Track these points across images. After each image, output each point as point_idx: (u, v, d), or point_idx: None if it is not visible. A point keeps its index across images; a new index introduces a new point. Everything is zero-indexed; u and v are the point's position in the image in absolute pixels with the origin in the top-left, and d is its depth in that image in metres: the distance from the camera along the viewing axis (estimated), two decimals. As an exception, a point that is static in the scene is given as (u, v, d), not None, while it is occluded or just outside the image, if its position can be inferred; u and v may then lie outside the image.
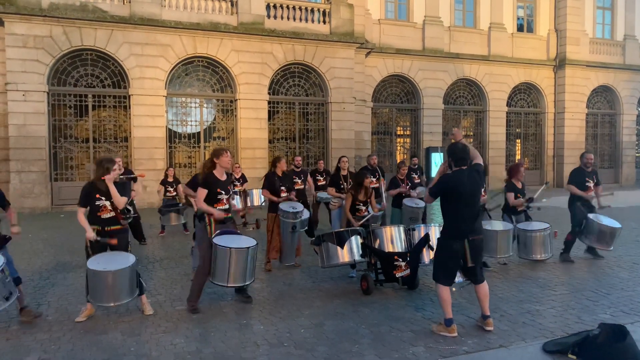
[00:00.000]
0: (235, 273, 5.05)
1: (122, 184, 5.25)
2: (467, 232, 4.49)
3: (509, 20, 21.19)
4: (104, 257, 4.89)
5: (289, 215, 6.90)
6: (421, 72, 19.52)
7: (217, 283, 5.14)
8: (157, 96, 15.09)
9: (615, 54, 22.96)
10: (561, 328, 4.66)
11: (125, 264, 4.79)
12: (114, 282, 4.71)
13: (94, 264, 4.74)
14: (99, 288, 4.72)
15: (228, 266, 5.01)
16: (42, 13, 13.72)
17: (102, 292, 4.72)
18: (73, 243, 9.02)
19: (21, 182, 13.88)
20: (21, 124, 13.80)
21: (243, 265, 5.08)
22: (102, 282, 4.71)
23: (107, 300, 4.76)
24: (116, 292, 4.74)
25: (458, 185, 4.48)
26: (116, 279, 4.71)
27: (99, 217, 4.97)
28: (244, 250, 5.05)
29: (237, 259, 5.03)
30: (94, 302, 4.85)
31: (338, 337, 4.47)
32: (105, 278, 4.69)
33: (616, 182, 23.01)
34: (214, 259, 5.08)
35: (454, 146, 4.69)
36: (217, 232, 5.22)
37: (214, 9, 15.69)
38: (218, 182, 5.35)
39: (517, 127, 22.08)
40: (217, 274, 5.08)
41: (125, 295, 4.82)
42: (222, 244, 5.04)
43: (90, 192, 4.99)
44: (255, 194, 10.78)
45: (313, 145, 17.59)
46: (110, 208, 4.99)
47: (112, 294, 4.73)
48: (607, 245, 7.38)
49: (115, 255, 4.96)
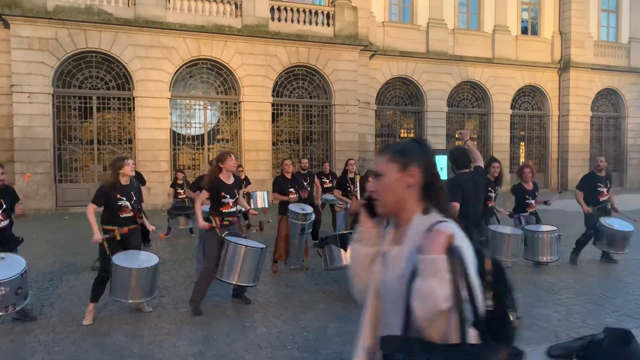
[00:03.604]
0: (243, 272, 5.11)
1: (138, 186, 5.39)
2: (470, 233, 4.50)
3: (513, 23, 21.16)
4: (129, 255, 4.99)
5: (299, 217, 6.90)
6: (425, 74, 19.51)
7: (224, 280, 5.18)
8: (162, 98, 15.14)
9: (620, 57, 22.89)
10: (566, 332, 4.63)
11: (149, 263, 4.93)
12: (136, 280, 4.82)
13: (120, 260, 4.84)
14: (121, 284, 4.81)
15: (240, 264, 5.09)
16: (48, 15, 13.80)
17: (123, 288, 4.81)
18: (77, 244, 9.05)
19: (26, 184, 13.91)
20: (26, 125, 13.86)
21: (254, 265, 5.17)
22: (125, 278, 4.79)
23: (126, 296, 4.84)
24: (136, 290, 4.84)
25: (462, 188, 4.53)
26: (139, 277, 4.82)
27: (118, 217, 5.05)
28: (257, 250, 5.16)
29: (249, 257, 5.11)
30: (112, 296, 4.92)
31: (342, 340, 4.46)
32: (129, 275, 4.78)
33: (621, 185, 22.89)
34: (224, 257, 5.12)
35: (455, 151, 4.79)
36: (225, 232, 5.30)
37: (218, 12, 15.74)
38: (224, 185, 5.41)
39: (522, 129, 22.02)
40: (224, 271, 5.12)
41: (143, 294, 4.91)
42: (235, 241, 5.13)
43: (110, 193, 5.05)
44: (259, 196, 10.78)
45: (317, 148, 17.59)
46: (130, 208, 5.10)
47: (131, 291, 4.83)
48: (620, 249, 7.32)
49: (138, 254, 5.09)
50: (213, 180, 5.42)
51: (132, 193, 5.17)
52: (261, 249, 5.22)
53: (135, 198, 5.19)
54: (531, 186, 7.40)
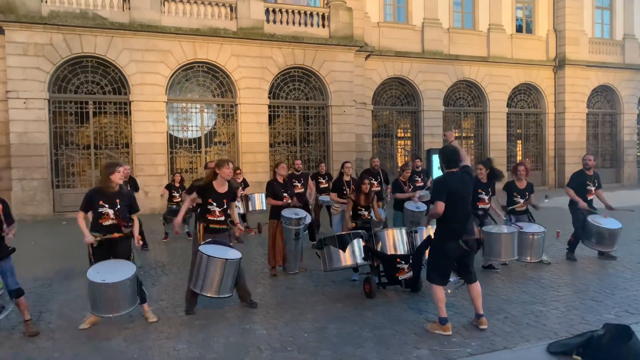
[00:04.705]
0: (210, 282, 4.99)
1: (129, 194, 5.32)
2: (460, 233, 4.56)
3: (507, 21, 21.22)
4: (105, 266, 4.84)
5: (292, 222, 6.88)
6: (421, 74, 19.54)
7: (193, 289, 5.11)
8: (158, 102, 15.12)
9: (614, 54, 22.96)
10: (565, 329, 4.64)
11: (124, 275, 4.71)
12: (113, 294, 4.66)
13: (94, 275, 4.68)
14: (98, 299, 4.68)
15: (205, 274, 4.98)
16: (43, 21, 13.77)
17: (102, 304, 4.69)
18: (75, 250, 8.99)
19: (23, 190, 13.89)
20: (22, 131, 13.83)
21: (219, 276, 4.99)
22: (101, 293, 4.66)
23: (107, 311, 4.72)
24: (115, 303, 4.70)
25: (450, 187, 4.55)
26: (116, 291, 4.66)
27: (100, 224, 4.95)
28: (220, 260, 4.97)
29: (215, 268, 4.97)
30: (93, 312, 4.80)
31: (341, 341, 4.46)
32: (104, 290, 4.64)
33: (618, 182, 22.97)
34: (195, 266, 5.06)
35: (445, 149, 4.80)
36: (208, 240, 5.23)
37: (213, 15, 15.74)
38: (214, 193, 5.37)
39: (518, 127, 22.07)
40: (195, 280, 5.06)
41: (125, 306, 4.76)
42: (205, 251, 5.02)
43: (94, 199, 4.98)
44: (257, 198, 10.76)
45: (314, 149, 17.60)
46: (112, 216, 4.97)
47: (112, 306, 4.69)
48: (609, 247, 7.34)
49: (115, 265, 4.89)
50: (205, 185, 5.42)
51: (118, 200, 5.02)
52: (226, 259, 4.99)
53: (120, 206, 5.02)
54: (524, 185, 7.33)
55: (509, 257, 6.78)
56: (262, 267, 7.50)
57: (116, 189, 5.08)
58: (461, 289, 5.27)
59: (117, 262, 4.94)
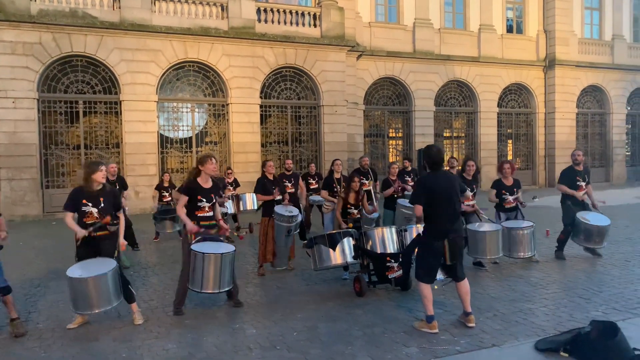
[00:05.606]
0: (208, 279, 4.97)
1: (113, 191, 5.25)
2: (447, 232, 4.60)
3: (498, 22, 21.34)
4: (86, 264, 4.79)
5: (284, 219, 6.87)
6: (412, 74, 19.60)
7: (192, 289, 5.08)
8: (149, 101, 15.05)
9: (604, 54, 23.16)
10: (553, 326, 4.68)
11: (103, 270, 4.64)
12: (90, 290, 4.59)
13: (72, 271, 4.63)
14: (77, 296, 4.62)
15: (202, 272, 4.95)
16: (31, 19, 13.64)
17: (80, 300, 4.62)
18: (65, 250, 8.94)
19: (12, 190, 13.77)
20: (11, 131, 13.70)
21: (217, 271, 4.97)
22: (78, 289, 4.60)
23: (84, 308, 4.65)
24: (94, 300, 4.61)
25: (435, 187, 4.59)
26: (92, 286, 4.58)
27: (84, 223, 4.90)
28: (217, 255, 4.95)
29: (211, 264, 4.93)
30: (73, 310, 4.74)
31: (331, 339, 4.47)
32: (81, 285, 4.58)
33: (607, 181, 23.19)
34: (191, 266, 5.01)
35: (430, 150, 4.83)
36: (198, 238, 5.17)
37: (204, 14, 15.69)
38: (200, 189, 5.32)
39: (509, 127, 22.20)
40: (193, 279, 5.02)
41: (104, 303, 4.66)
42: (199, 249, 4.98)
43: (77, 197, 4.94)
44: (248, 197, 10.76)
45: (306, 149, 17.59)
46: (96, 215, 4.93)
47: (90, 302, 4.61)
48: (597, 244, 7.38)
49: (97, 262, 4.82)
50: (189, 183, 5.36)
51: (102, 199, 4.97)
52: (222, 254, 4.97)
53: (104, 205, 4.97)
54: (511, 182, 7.38)
55: (494, 255, 6.79)
56: (252, 266, 7.49)
57: (99, 188, 5.02)
58: (451, 287, 5.30)
59: (99, 260, 4.87)
